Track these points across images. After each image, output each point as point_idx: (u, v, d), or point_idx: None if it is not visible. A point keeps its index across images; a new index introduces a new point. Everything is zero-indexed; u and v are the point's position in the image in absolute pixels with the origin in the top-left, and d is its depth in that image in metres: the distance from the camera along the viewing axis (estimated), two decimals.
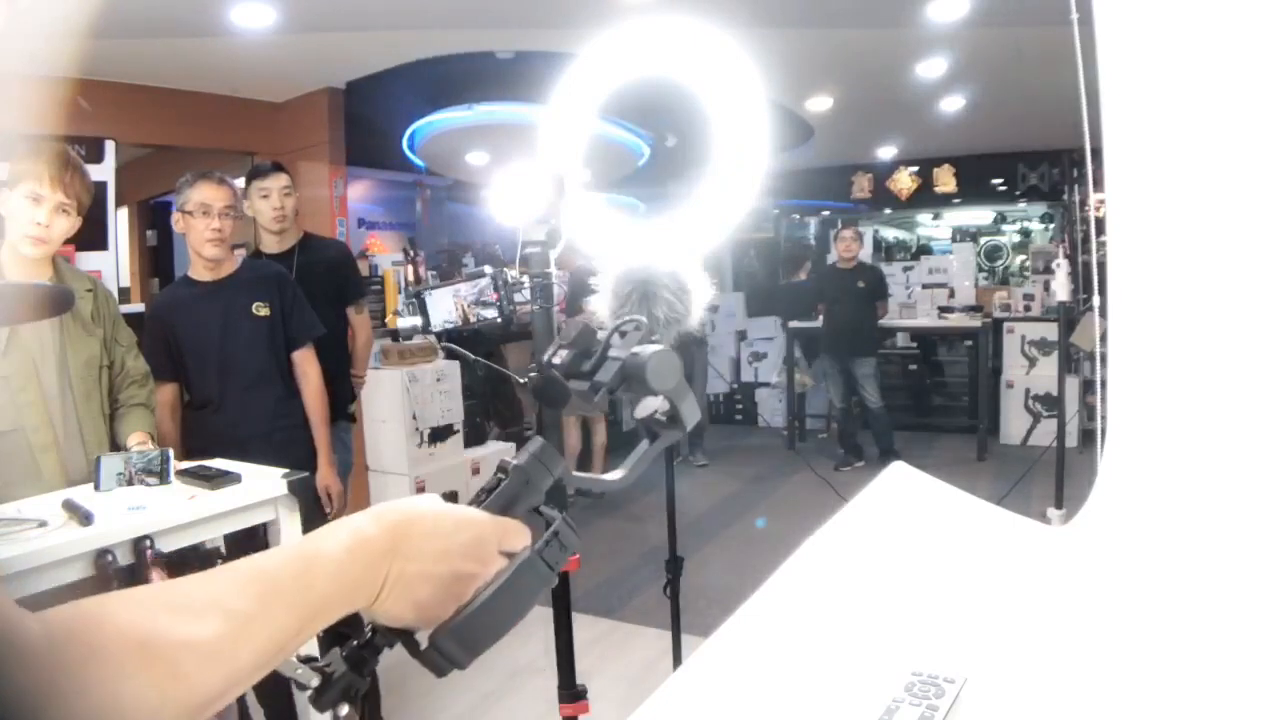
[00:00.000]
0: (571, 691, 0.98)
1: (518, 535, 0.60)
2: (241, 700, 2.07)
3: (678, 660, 2.26)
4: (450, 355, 4.18)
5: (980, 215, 9.09)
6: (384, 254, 5.69)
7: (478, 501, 0.62)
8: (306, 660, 0.57)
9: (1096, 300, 2.26)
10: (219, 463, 2.00)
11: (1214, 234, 1.29)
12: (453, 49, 4.20)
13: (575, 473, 0.65)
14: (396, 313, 4.90)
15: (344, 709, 0.57)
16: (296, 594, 0.49)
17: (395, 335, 4.53)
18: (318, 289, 2.85)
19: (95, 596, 0.45)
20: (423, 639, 0.57)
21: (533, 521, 0.62)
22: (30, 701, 0.37)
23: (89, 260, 3.42)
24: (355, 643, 0.57)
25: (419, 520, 0.56)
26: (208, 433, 2.43)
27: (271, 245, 3.00)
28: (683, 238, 0.79)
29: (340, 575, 0.52)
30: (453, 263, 6.34)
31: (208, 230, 2.37)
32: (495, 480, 0.63)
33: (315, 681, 0.56)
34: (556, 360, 0.68)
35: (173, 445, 2.24)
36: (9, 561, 1.41)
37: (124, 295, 4.27)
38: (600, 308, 0.83)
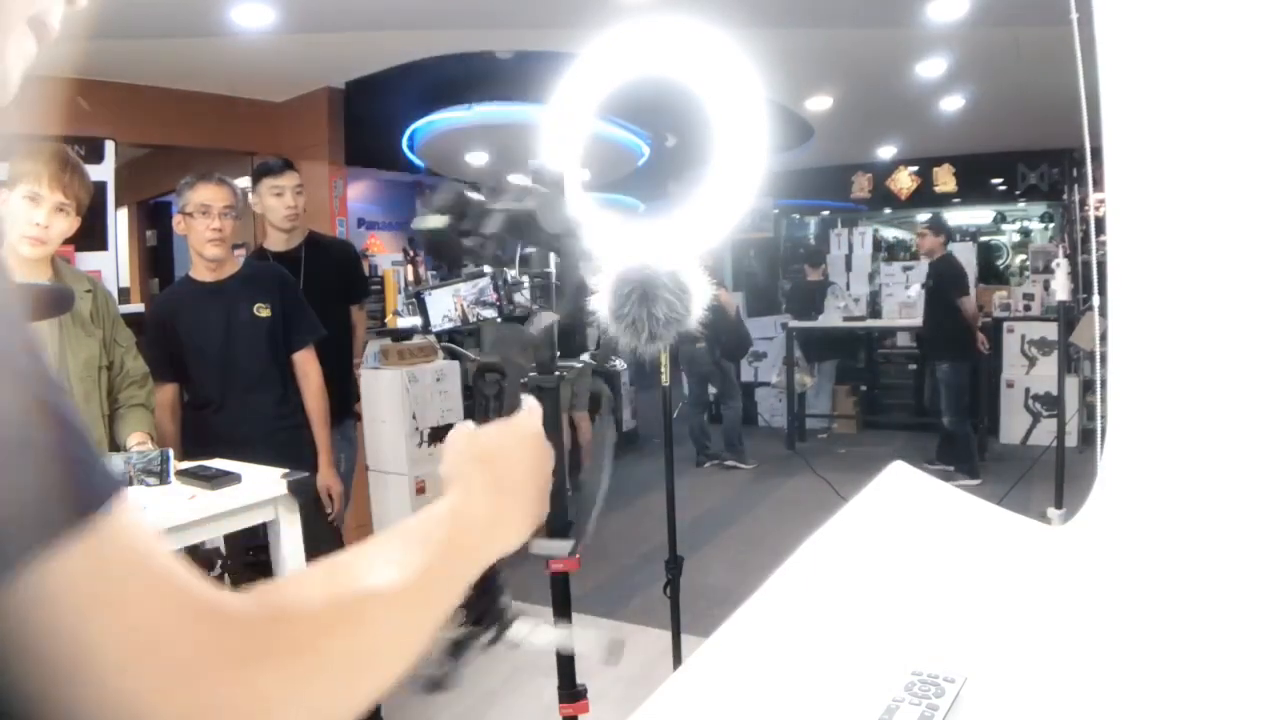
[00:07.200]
0: (571, 691, 0.98)
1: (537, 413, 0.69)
2: None
3: (678, 660, 2.26)
4: (450, 355, 4.19)
5: (980, 215, 9.09)
6: (384, 254, 5.70)
7: (485, 410, 0.69)
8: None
9: (1096, 300, 2.26)
10: (219, 463, 2.00)
11: (1214, 234, 1.29)
12: (453, 49, 4.20)
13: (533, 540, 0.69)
14: (396, 313, 4.90)
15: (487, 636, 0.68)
16: (448, 543, 0.56)
17: (395, 335, 4.53)
18: (325, 288, 2.84)
19: (268, 583, 0.48)
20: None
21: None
22: (252, 666, 0.39)
23: (88, 260, 3.41)
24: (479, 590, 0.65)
25: (490, 444, 0.66)
26: (208, 433, 2.42)
27: (279, 243, 2.96)
28: (683, 238, 0.79)
29: (473, 518, 0.59)
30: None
31: (208, 231, 2.37)
32: (493, 388, 0.68)
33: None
34: (430, 225, 0.70)
35: (173, 445, 2.24)
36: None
37: (123, 295, 4.26)
38: (600, 307, 0.83)
